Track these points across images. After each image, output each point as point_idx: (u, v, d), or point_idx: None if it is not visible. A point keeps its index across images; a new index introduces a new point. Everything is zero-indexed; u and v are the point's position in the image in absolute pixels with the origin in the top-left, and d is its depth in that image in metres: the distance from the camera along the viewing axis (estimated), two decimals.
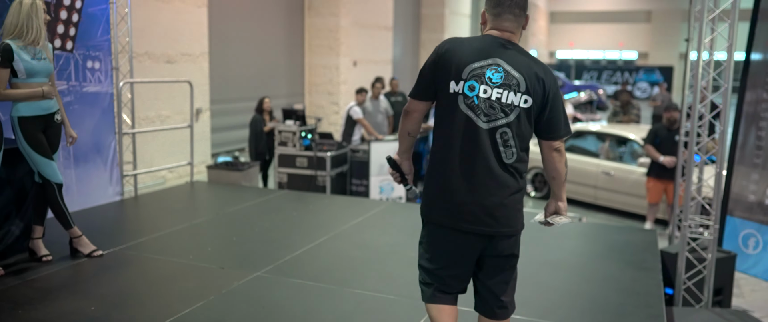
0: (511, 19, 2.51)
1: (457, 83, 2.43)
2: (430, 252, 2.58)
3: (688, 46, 5.48)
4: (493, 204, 2.44)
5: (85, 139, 5.64)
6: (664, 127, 7.28)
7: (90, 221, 5.04)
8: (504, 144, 2.43)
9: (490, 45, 2.47)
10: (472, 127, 2.42)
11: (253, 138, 8.33)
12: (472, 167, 2.43)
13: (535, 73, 2.45)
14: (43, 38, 4.10)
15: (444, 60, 2.45)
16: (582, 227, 5.61)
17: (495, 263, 2.57)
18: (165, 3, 8.24)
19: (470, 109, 2.42)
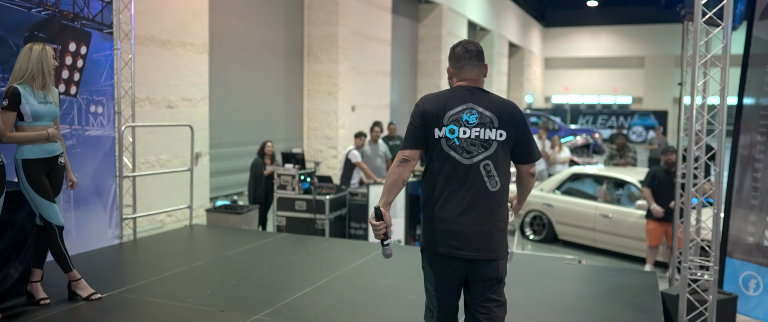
0: (473, 70, 2.95)
1: (440, 129, 2.82)
2: (429, 278, 2.91)
3: (682, 90, 5.58)
4: (482, 231, 2.78)
5: (86, 182, 5.67)
6: (662, 170, 7.34)
7: (89, 264, 5.02)
8: (488, 175, 2.80)
9: (462, 93, 2.89)
10: (456, 165, 2.80)
11: (252, 181, 8.42)
12: (462, 200, 2.79)
13: (506, 111, 2.86)
14: (50, 83, 4.18)
15: (428, 111, 2.86)
16: (582, 269, 5.61)
17: (481, 287, 2.84)
18: (167, 49, 8.39)
19: (452, 149, 2.81)
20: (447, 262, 2.81)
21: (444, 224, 2.79)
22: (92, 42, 5.69)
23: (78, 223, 5.57)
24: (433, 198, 2.83)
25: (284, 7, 12.39)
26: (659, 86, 35.52)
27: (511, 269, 5.40)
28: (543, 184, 9.70)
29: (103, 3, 5.81)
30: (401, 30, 17.53)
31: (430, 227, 2.85)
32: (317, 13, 12.86)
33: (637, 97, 36.69)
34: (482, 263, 2.79)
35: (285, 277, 5.07)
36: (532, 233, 9.40)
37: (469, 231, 2.77)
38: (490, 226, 2.79)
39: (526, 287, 5.02)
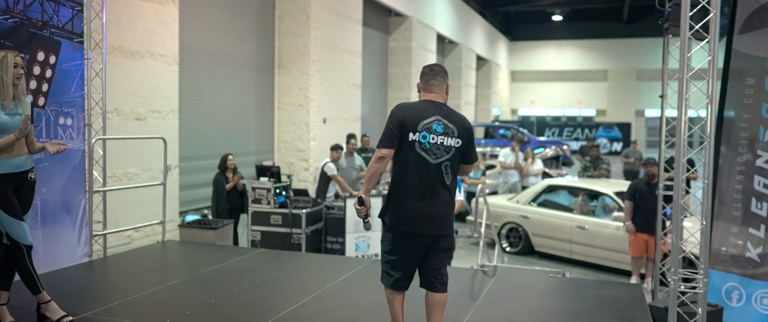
0: (438, 88, 3.70)
1: (414, 134, 3.55)
2: (394, 250, 3.65)
3: (663, 102, 5.62)
4: (439, 213, 3.59)
5: (54, 198, 5.41)
6: (643, 183, 7.39)
7: (58, 284, 4.76)
8: (445, 172, 3.60)
9: (431, 106, 3.63)
10: (425, 163, 3.56)
11: (214, 197, 8.10)
12: (426, 190, 3.55)
13: (463, 124, 3.68)
14: (20, 93, 3.95)
15: (406, 118, 3.56)
16: (566, 282, 5.56)
17: (438, 255, 3.68)
18: (136, 60, 8.14)
19: (424, 151, 3.56)
20: (413, 238, 3.60)
21: (414, 209, 3.54)
22: (62, 51, 5.45)
23: (46, 240, 5.29)
24: (404, 188, 3.56)
25: (255, 19, 12.20)
26: (622, 99, 36.30)
27: (496, 283, 5.34)
28: (519, 196, 9.70)
29: (73, 11, 5.58)
30: (372, 42, 17.49)
31: (401, 210, 3.57)
32: (288, 25, 12.71)
33: (600, 109, 37.39)
34: (442, 237, 3.65)
35: (267, 295, 4.89)
36: (508, 245, 9.37)
37: (433, 215, 3.57)
38: (445, 210, 3.62)
39: (514, 301, 4.94)
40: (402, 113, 3.56)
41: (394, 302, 3.75)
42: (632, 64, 35.82)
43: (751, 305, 5.23)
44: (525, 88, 38.90)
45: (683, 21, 4.27)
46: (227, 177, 8.16)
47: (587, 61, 37.35)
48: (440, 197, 3.57)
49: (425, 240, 3.60)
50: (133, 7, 8.04)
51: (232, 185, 8.08)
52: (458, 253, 9.23)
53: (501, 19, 36.23)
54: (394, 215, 3.58)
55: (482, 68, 31.85)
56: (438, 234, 3.62)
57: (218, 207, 8.05)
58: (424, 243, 3.61)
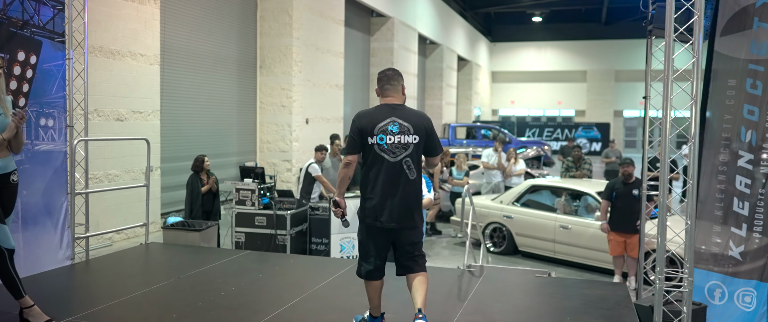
0: (393, 90, 3.99)
1: (372, 138, 3.87)
2: (365, 242, 3.99)
3: (647, 103, 5.69)
4: (403, 207, 3.88)
5: (35, 200, 5.31)
6: (620, 182, 7.47)
7: (41, 288, 4.68)
8: (408, 168, 3.90)
9: (387, 110, 3.93)
10: (386, 162, 3.87)
11: (189, 199, 7.76)
12: (391, 187, 3.87)
13: (419, 121, 3.95)
14: None
15: (363, 125, 3.88)
16: (553, 282, 5.60)
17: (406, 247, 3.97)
18: (117, 60, 8.04)
19: (382, 151, 3.87)
20: (382, 231, 3.91)
21: (380, 205, 3.87)
22: (43, 51, 5.36)
23: (27, 243, 5.20)
24: (371, 186, 3.91)
25: (237, 19, 12.12)
26: (601, 100, 36.71)
27: (483, 284, 5.36)
28: (502, 196, 9.75)
29: (54, 10, 5.49)
30: (354, 43, 17.48)
31: (369, 206, 3.90)
32: (270, 25, 12.65)
33: (579, 110, 37.77)
34: (407, 229, 3.93)
35: (254, 298, 4.85)
36: (492, 245, 9.41)
37: (398, 209, 3.87)
38: (411, 204, 3.92)
39: (501, 301, 4.97)
40: (360, 122, 3.91)
41: (370, 289, 4.06)
42: (610, 65, 36.26)
43: (734, 303, 5.32)
44: (505, 88, 39.17)
45: (668, 23, 4.33)
46: (202, 179, 7.82)
47: (566, 62, 37.72)
48: (403, 192, 3.88)
49: (392, 233, 3.93)
50: (115, 7, 7.94)
51: (207, 187, 7.84)
52: (443, 253, 9.26)
53: (482, 20, 36.42)
54: (364, 211, 3.94)
55: (463, 69, 31.99)
56: (403, 226, 3.91)
57: (193, 210, 7.73)
58: (391, 236, 3.95)
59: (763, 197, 5.14)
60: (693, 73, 4.36)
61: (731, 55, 5.22)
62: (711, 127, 5.39)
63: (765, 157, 5.12)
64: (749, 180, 5.19)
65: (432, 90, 25.80)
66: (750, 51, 5.14)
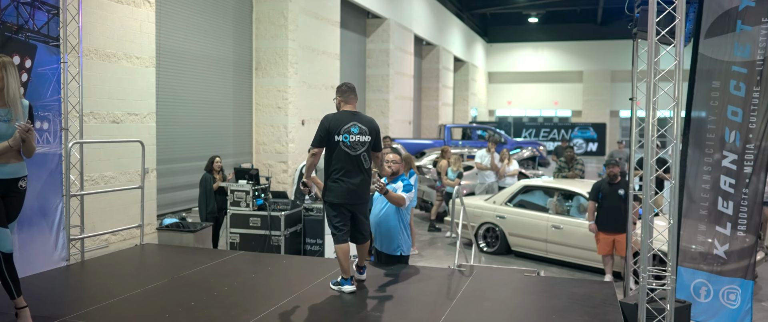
0: (352, 101, 5.12)
1: (338, 136, 4.94)
2: (338, 217, 5.04)
3: (633, 104, 5.78)
4: (360, 188, 5.02)
5: (31, 202, 5.38)
6: (606, 183, 7.57)
7: (36, 288, 4.75)
8: (364, 160, 5.03)
9: (349, 115, 5.04)
10: (348, 156, 4.96)
11: (203, 197, 8.24)
12: (354, 174, 4.98)
13: (371, 124, 5.10)
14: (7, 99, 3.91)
15: (331, 126, 4.93)
16: (541, 281, 5.68)
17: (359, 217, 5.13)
18: (112, 62, 8.11)
19: (346, 147, 4.96)
20: (347, 207, 5.02)
21: (345, 187, 4.95)
22: (37, 55, 5.44)
23: (22, 245, 5.27)
24: (337, 174, 4.96)
25: (232, 21, 12.20)
26: (597, 100, 36.84)
27: (472, 283, 5.44)
28: (495, 196, 9.83)
29: (48, 15, 5.56)
30: (350, 44, 17.56)
31: (338, 189, 4.97)
32: (266, 27, 12.73)
33: (576, 110, 37.90)
34: (361, 204, 5.10)
35: (246, 297, 4.93)
36: (485, 245, 9.49)
37: (355, 190, 4.98)
38: (364, 185, 5.05)
39: (490, 300, 5.05)
40: (328, 123, 4.96)
41: (341, 254, 5.02)
42: (606, 65, 36.39)
43: (719, 300, 5.41)
44: (502, 89, 39.28)
45: (650, 27, 4.41)
46: (215, 178, 8.25)
47: (563, 62, 37.84)
48: (360, 177, 5.01)
49: (352, 207, 5.04)
50: (109, 10, 8.01)
51: (218, 185, 8.18)
52: (436, 253, 9.34)
53: (478, 21, 36.52)
54: (332, 193, 4.99)
55: (460, 70, 32.09)
56: (359, 202, 5.06)
57: (207, 207, 8.21)
58: (351, 209, 5.05)
59: (747, 197, 5.23)
60: (675, 75, 4.45)
61: (715, 57, 5.31)
62: (698, 128, 5.48)
63: (748, 157, 5.21)
64: (733, 180, 5.28)
65: (428, 91, 25.89)
66: (733, 53, 5.24)
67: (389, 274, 5.59)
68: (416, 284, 5.39)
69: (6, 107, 3.92)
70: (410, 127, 22.23)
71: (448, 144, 19.47)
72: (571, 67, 37.74)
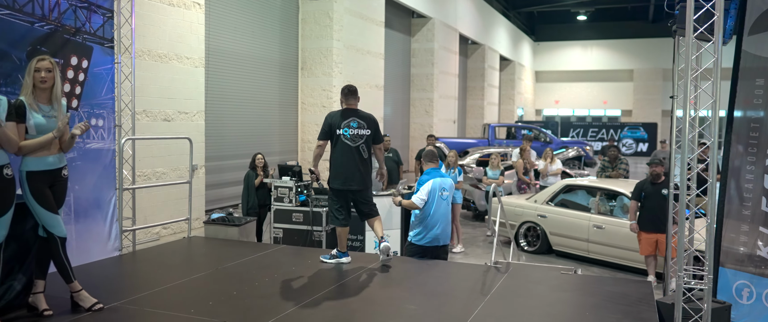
0: (354, 101, 5.92)
1: (339, 130, 5.74)
2: (338, 204, 5.83)
3: (674, 103, 5.71)
4: (361, 176, 5.75)
5: (87, 194, 5.71)
6: (648, 182, 7.47)
7: (90, 276, 5.04)
8: (364, 151, 5.79)
9: (350, 112, 5.83)
10: (348, 147, 5.73)
11: (245, 193, 8.52)
12: (353, 163, 5.71)
13: (370, 119, 5.88)
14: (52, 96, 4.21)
15: (333, 122, 5.76)
16: (577, 278, 5.68)
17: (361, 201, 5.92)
18: (164, 63, 8.45)
19: (346, 139, 5.73)
20: (348, 192, 5.77)
21: (345, 174, 5.69)
22: (93, 56, 5.75)
23: (78, 235, 5.59)
24: (339, 163, 5.71)
25: (279, 22, 12.49)
26: (648, 99, 35.94)
27: (507, 279, 5.48)
28: (536, 195, 9.80)
29: (104, 18, 5.88)
30: (394, 44, 17.68)
31: (339, 176, 5.71)
32: (312, 28, 12.98)
33: (626, 109, 37.06)
34: (361, 190, 5.82)
35: (285, 288, 5.11)
36: (526, 244, 9.48)
37: (356, 177, 5.71)
38: (364, 173, 5.75)
39: (524, 297, 5.09)
40: (331, 119, 5.78)
41: (342, 234, 5.90)
42: (658, 63, 35.44)
43: (762, 302, 5.30)
44: (549, 88, 38.74)
45: (688, 24, 4.38)
46: (257, 175, 8.54)
47: (612, 61, 37.06)
48: (359, 166, 5.73)
49: (353, 193, 5.80)
50: (161, 12, 8.35)
51: (259, 181, 8.45)
52: (475, 251, 9.38)
53: (525, 19, 36.13)
54: (336, 180, 5.74)
55: (506, 69, 31.82)
56: (359, 188, 5.77)
57: (248, 203, 8.48)
58: (351, 196, 5.82)
59: None
60: (714, 73, 4.40)
61: (759, 54, 5.20)
62: (740, 127, 5.38)
63: None
64: None
65: (473, 90, 25.80)
66: None
67: (425, 269, 5.69)
68: (451, 279, 5.48)
69: (50, 104, 4.20)
70: (455, 126, 22.21)
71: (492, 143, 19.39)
72: (621, 66, 36.93)
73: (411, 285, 5.29)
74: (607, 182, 9.50)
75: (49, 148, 4.22)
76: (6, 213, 4.00)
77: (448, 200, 6.26)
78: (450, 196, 6.34)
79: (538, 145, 19.27)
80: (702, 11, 4.42)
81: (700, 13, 4.42)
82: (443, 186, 6.17)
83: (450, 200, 6.34)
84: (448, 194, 6.27)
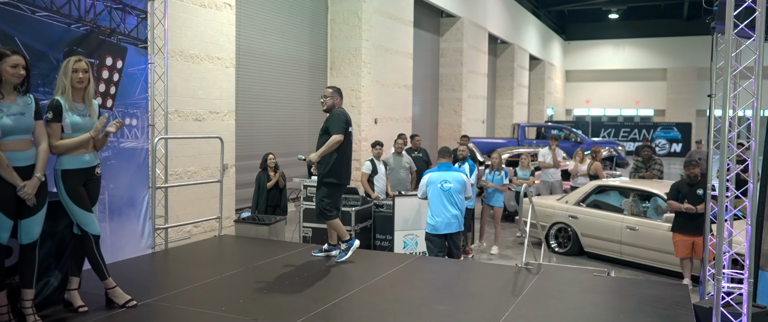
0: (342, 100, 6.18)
1: (350, 127, 6.00)
2: (330, 199, 5.93)
3: (711, 102, 5.56)
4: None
5: (120, 193, 5.79)
6: (685, 184, 7.30)
7: (124, 273, 5.12)
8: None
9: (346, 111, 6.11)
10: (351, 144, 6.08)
11: (256, 194, 8.30)
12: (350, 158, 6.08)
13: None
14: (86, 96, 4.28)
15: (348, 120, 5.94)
16: (611, 281, 5.58)
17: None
18: (195, 63, 8.55)
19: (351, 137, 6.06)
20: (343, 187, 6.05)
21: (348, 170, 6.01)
22: (127, 56, 5.84)
23: (112, 232, 5.68)
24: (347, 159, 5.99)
25: (308, 22, 12.55)
26: (682, 99, 35.24)
27: (539, 281, 5.41)
28: (568, 196, 9.66)
29: (138, 19, 5.96)
30: (423, 43, 17.64)
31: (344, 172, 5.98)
32: (340, 28, 13.02)
33: (659, 109, 36.39)
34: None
35: (315, 287, 5.12)
36: (557, 245, 9.35)
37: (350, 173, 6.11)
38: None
39: (556, 298, 5.01)
40: (346, 117, 5.95)
41: (337, 224, 6.02)
42: (693, 62, 34.72)
43: None
44: (580, 88, 38.24)
45: (728, 20, 4.26)
46: (269, 176, 8.33)
47: (645, 59, 36.42)
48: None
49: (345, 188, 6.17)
50: (193, 13, 8.45)
51: (273, 182, 8.29)
52: (505, 252, 9.28)
53: (555, 18, 35.73)
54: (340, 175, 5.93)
55: (535, 68, 31.52)
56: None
57: (259, 204, 8.25)
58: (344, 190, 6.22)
59: None
60: (755, 71, 4.27)
61: None
62: None
63: None
64: None
65: (503, 90, 25.60)
66: None
67: (454, 269, 5.65)
68: (482, 280, 5.42)
69: (84, 104, 4.27)
70: (483, 126, 22.07)
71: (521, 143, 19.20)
72: (655, 65, 36.26)
73: (441, 286, 5.25)
74: (640, 182, 9.31)
75: (85, 147, 4.29)
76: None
77: (450, 191, 6.65)
78: (456, 188, 6.69)
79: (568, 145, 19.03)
80: (743, 7, 4.29)
81: (741, 9, 4.30)
82: (444, 179, 6.69)
83: (457, 191, 6.69)
84: (452, 186, 6.66)
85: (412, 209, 8.05)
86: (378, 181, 8.88)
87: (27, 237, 4.03)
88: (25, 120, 3.94)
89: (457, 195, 6.66)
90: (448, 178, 6.69)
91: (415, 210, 8.05)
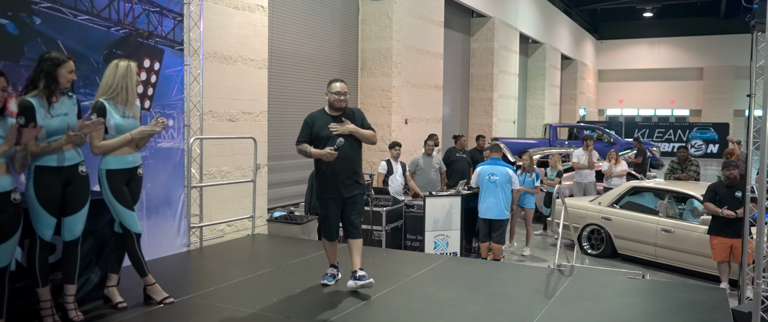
0: None
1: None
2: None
3: (751, 101, 5.45)
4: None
5: (157, 192, 5.92)
6: (723, 185, 7.15)
7: (161, 270, 5.23)
8: None
9: None
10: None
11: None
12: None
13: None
14: (133, 99, 4.41)
15: None
16: (646, 284, 5.50)
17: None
18: (229, 64, 8.68)
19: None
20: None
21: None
22: (164, 58, 5.97)
23: (149, 231, 5.81)
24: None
25: (339, 23, 12.63)
26: (719, 98, 34.47)
27: (572, 282, 5.36)
28: (601, 198, 9.54)
29: (174, 21, 6.09)
30: (453, 44, 17.59)
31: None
32: (371, 28, 13.06)
33: (695, 109, 35.66)
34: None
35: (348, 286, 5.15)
36: (590, 247, 9.24)
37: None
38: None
39: (590, 301, 4.96)
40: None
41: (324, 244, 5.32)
42: (730, 61, 33.92)
43: None
44: (613, 87, 37.68)
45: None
46: None
47: (680, 59, 35.71)
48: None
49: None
50: (227, 16, 8.58)
51: None
52: (537, 253, 9.22)
53: (587, 17, 35.29)
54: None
55: (567, 68, 31.16)
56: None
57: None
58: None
59: None
60: None
61: None
62: None
63: None
64: None
65: (534, 90, 25.37)
66: None
67: (486, 270, 5.64)
68: (514, 282, 5.40)
69: (125, 105, 4.38)
70: (514, 126, 21.91)
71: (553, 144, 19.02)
72: (690, 64, 35.53)
73: (473, 287, 5.25)
74: (676, 184, 9.16)
75: (130, 147, 4.41)
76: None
77: (496, 182, 7.62)
78: (503, 180, 7.62)
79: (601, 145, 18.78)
80: None
81: None
82: (492, 172, 7.69)
83: (503, 183, 7.61)
84: (498, 179, 7.62)
85: (442, 210, 8.05)
86: (393, 181, 8.89)
87: (70, 234, 4.15)
88: (69, 120, 4.07)
89: (501, 186, 7.61)
90: (495, 171, 7.67)
91: (445, 211, 8.04)
